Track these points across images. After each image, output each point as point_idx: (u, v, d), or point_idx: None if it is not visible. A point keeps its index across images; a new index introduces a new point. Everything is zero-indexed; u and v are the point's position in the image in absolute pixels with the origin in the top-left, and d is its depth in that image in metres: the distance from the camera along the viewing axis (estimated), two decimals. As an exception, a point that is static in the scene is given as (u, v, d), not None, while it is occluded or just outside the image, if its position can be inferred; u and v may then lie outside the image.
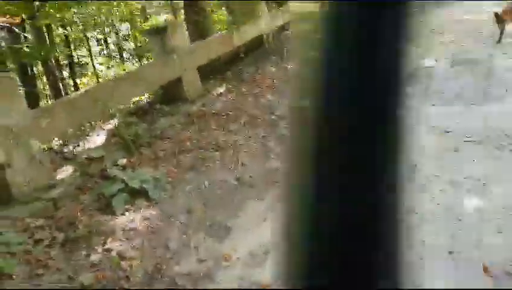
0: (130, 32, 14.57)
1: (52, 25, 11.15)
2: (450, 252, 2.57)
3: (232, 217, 3.23)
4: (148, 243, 2.92)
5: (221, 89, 6.03)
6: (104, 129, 4.99)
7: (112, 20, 10.30)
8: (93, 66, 13.33)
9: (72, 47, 13.79)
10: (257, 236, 3.03)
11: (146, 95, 6.54)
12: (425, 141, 4.05)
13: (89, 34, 13.56)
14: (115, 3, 8.35)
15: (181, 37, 5.67)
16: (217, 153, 4.17)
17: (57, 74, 12.82)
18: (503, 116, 4.16)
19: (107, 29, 13.90)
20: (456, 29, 7.77)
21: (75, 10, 8.81)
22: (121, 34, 15.05)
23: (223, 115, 5.04)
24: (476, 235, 2.67)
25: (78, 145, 4.55)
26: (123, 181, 3.49)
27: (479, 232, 2.69)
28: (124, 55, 14.78)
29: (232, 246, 2.96)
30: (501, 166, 3.40)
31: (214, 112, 5.15)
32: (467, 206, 2.99)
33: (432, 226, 2.84)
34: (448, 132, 4.09)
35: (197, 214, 3.25)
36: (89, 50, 13.86)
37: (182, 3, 8.23)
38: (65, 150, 4.41)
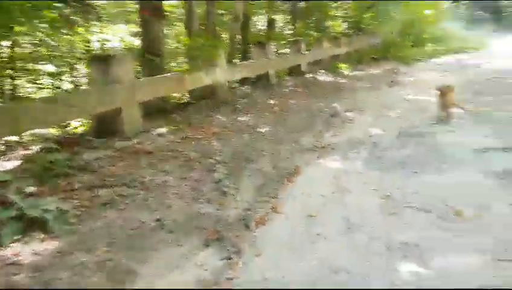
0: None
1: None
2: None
3: (140, 262, 2.78)
4: (29, 280, 2.42)
5: (163, 130, 5.69)
6: (21, 153, 4.49)
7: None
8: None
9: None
10: (164, 284, 2.60)
11: (80, 125, 6.12)
12: (365, 203, 3.85)
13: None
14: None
15: (127, 68, 5.37)
16: (141, 191, 3.76)
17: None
18: (444, 187, 4.07)
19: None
20: (404, 107, 8.04)
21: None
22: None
23: (158, 155, 4.67)
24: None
25: (-14, 166, 4.03)
26: (20, 209, 3.01)
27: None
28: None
29: (132, 294, 2.50)
30: (439, 234, 3.19)
31: (148, 150, 4.78)
32: (402, 271, 2.72)
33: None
34: (388, 196, 3.91)
35: (98, 253, 2.78)
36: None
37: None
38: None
